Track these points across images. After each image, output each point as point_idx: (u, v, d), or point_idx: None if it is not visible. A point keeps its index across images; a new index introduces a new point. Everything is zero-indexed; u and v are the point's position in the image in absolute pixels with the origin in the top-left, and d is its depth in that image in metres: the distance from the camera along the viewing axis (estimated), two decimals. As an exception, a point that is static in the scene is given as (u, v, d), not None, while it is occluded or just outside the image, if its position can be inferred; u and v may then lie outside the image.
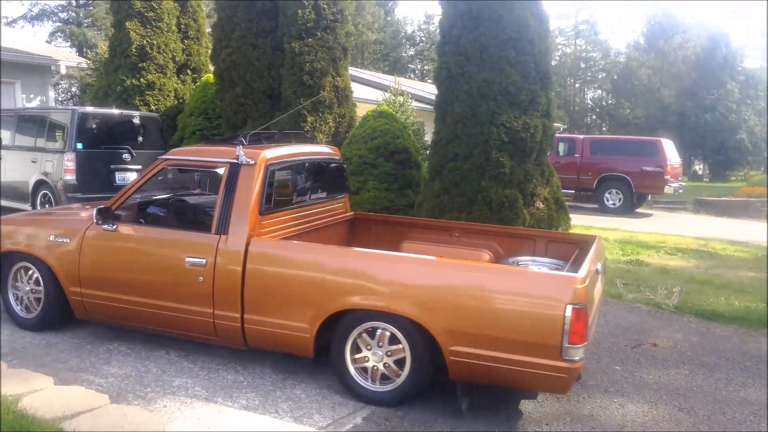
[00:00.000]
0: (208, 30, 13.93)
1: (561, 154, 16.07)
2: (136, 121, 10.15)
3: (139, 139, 10.11)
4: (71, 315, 5.01)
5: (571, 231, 9.21)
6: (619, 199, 15.58)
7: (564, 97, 44.03)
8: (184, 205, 5.52)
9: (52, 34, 30.41)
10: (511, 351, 3.63)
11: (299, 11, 10.10)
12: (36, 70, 13.84)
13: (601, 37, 47.48)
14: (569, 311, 3.47)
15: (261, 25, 10.57)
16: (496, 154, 8.06)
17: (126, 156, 9.81)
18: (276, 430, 3.63)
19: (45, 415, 3.25)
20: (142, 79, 12.13)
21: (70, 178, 9.06)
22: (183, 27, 13.24)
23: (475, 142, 8.17)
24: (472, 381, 3.93)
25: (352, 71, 13.72)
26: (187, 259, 4.45)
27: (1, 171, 10.10)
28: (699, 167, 36.17)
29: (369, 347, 4.04)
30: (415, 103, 14.18)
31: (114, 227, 4.76)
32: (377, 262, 4.13)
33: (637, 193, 15.61)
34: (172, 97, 12.65)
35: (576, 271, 3.76)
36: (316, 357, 4.24)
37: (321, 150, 5.82)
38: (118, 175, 9.71)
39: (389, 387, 4.03)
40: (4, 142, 10.07)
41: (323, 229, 5.43)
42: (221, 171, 4.63)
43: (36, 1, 30.12)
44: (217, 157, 4.72)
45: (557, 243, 5.08)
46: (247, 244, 4.31)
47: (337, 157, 5.87)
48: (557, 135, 13.41)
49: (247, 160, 4.52)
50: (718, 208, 17.36)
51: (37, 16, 30.51)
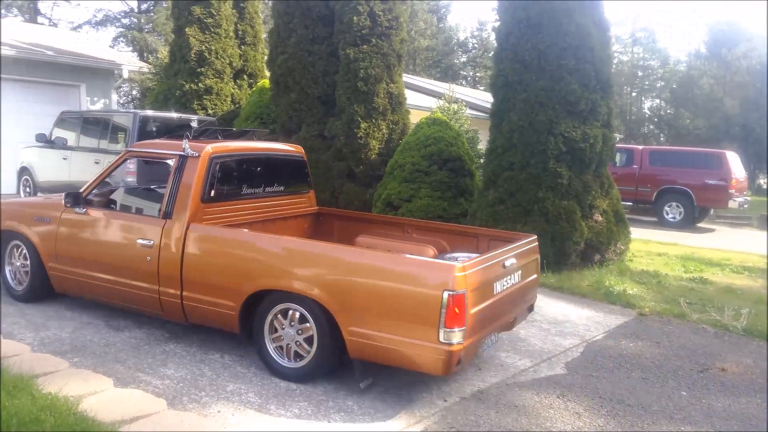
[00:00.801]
0: (265, 36, 14.13)
1: (618, 164, 15.62)
2: (194, 124, 10.31)
3: (197, 142, 10.28)
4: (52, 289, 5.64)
5: (630, 244, 8.92)
6: (680, 213, 15.04)
7: (620, 106, 43.01)
8: (146, 192, 5.88)
9: (115, 39, 31.46)
10: (396, 332, 3.95)
11: (355, 18, 10.12)
12: (100, 73, 14.29)
13: (659, 44, 46.23)
14: (446, 297, 3.76)
15: (317, 32, 10.63)
16: (553, 165, 7.88)
17: (183, 159, 10.00)
18: (329, 442, 3.59)
19: (104, 418, 3.28)
20: (200, 84, 12.38)
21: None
22: (240, 33, 13.47)
23: (531, 151, 8.01)
24: (367, 360, 4.20)
25: (406, 78, 13.68)
26: (138, 240, 4.98)
27: (68, 171, 10.44)
28: (764, 181, 34.68)
29: (283, 327, 4.42)
30: (468, 111, 14.03)
31: (84, 211, 5.34)
32: (289, 248, 4.49)
33: (699, 207, 15.03)
34: (229, 102, 12.87)
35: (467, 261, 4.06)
36: (242, 334, 4.61)
37: (278, 147, 6.20)
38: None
39: (301, 363, 4.38)
40: (70, 143, 10.41)
41: (280, 221, 5.88)
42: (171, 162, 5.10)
43: (97, 0, 31.09)
44: (168, 149, 5.21)
45: (497, 241, 5.35)
46: (187, 229, 4.78)
47: (298, 155, 6.21)
48: (615, 145, 13.03)
49: (192, 153, 5.00)
50: (784, 224, 16.58)
51: (101, 21, 31.63)
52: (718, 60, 36.82)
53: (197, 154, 4.99)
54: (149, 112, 10.28)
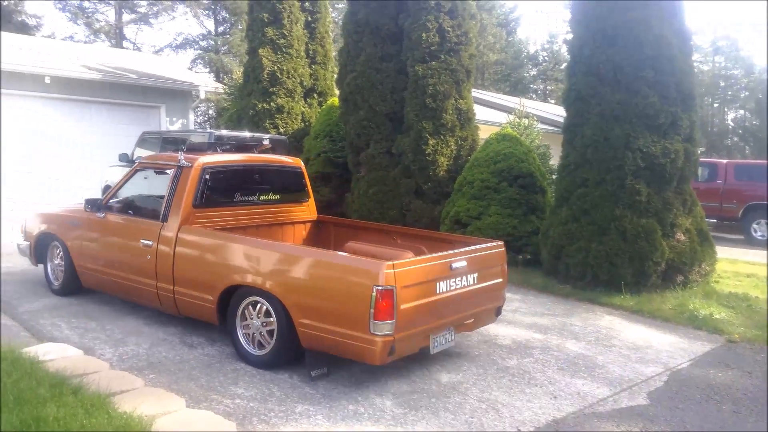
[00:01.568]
0: (335, 55, 14.34)
1: (700, 179, 14.86)
2: (266, 143, 10.51)
3: (268, 160, 10.49)
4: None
5: (716, 264, 8.42)
6: (769, 230, 14.16)
7: (702, 117, 41.12)
8: (154, 198, 6.21)
9: (193, 61, 32.80)
10: (337, 324, 4.39)
11: (423, 34, 10.10)
12: (179, 95, 14.89)
13: (743, 53, 44.03)
14: (375, 292, 4.16)
15: (385, 49, 10.68)
16: (631, 181, 7.55)
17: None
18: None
19: (177, 438, 3.32)
20: (272, 103, 12.66)
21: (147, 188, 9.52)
22: (311, 52, 13.71)
23: (607, 167, 7.71)
24: (316, 350, 4.65)
25: (474, 93, 13.52)
26: (141, 241, 5.68)
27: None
28: None
29: (251, 317, 4.95)
30: (539, 126, 13.73)
31: (103, 215, 6.14)
32: (256, 249, 5.02)
33: (790, 223, 14.10)
34: (299, 120, 13.09)
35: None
36: (220, 326, 5.23)
37: (275, 159, 6.73)
38: (248, 195, 10.12)
39: (263, 351, 4.89)
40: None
41: (277, 227, 6.47)
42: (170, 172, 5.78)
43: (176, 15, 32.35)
44: (169, 161, 5.88)
45: (470, 245, 5.57)
46: (178, 231, 5.43)
47: (295, 167, 6.75)
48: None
49: (186, 164, 5.67)
50: None
51: (181, 44, 33.12)
52: (809, 67, 34.68)
53: (190, 165, 5.66)
54: (224, 132, 10.59)
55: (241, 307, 5.00)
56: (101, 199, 6.28)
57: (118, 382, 3.98)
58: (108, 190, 11.61)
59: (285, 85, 12.77)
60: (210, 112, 23.57)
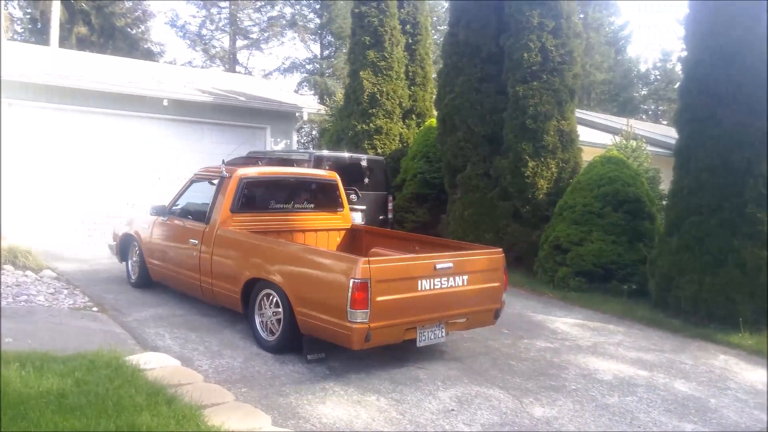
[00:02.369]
0: (434, 76, 14.37)
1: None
2: (364, 163, 10.69)
3: (366, 180, 10.61)
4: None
5: None
6: None
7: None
8: (204, 204, 6.89)
9: (299, 84, 34.10)
10: (324, 312, 4.99)
11: (525, 54, 9.89)
12: (283, 116, 15.43)
13: None
14: (351, 284, 4.74)
15: (485, 70, 10.56)
16: (752, 209, 6.97)
17: (353, 197, 10.34)
18: None
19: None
20: (371, 124, 12.84)
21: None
22: (411, 74, 13.82)
23: (724, 193, 7.17)
24: (312, 336, 5.24)
25: (578, 113, 13.07)
26: (189, 240, 6.53)
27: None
28: None
29: (265, 307, 5.62)
30: (648, 148, 13.03)
31: (166, 219, 7.06)
32: (267, 247, 5.79)
33: None
34: (397, 141, 13.18)
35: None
36: (243, 313, 5.91)
37: (310, 172, 7.72)
38: (345, 215, 10.26)
39: (273, 338, 5.54)
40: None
41: (311, 232, 7.12)
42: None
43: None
44: (216, 172, 6.75)
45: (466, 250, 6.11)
46: (216, 231, 6.24)
47: (330, 179, 7.44)
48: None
49: (226, 174, 6.54)
50: None
51: (288, 68, 34.56)
52: None
53: (230, 176, 6.51)
54: (324, 152, 10.82)
55: (258, 298, 5.69)
56: (165, 205, 7.18)
57: (209, 394, 4.08)
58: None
59: (384, 106, 12.92)
60: (313, 132, 24.31)
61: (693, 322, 7.24)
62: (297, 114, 15.64)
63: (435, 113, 12.30)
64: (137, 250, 7.59)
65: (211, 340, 5.80)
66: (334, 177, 7.48)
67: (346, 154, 10.89)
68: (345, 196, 7.52)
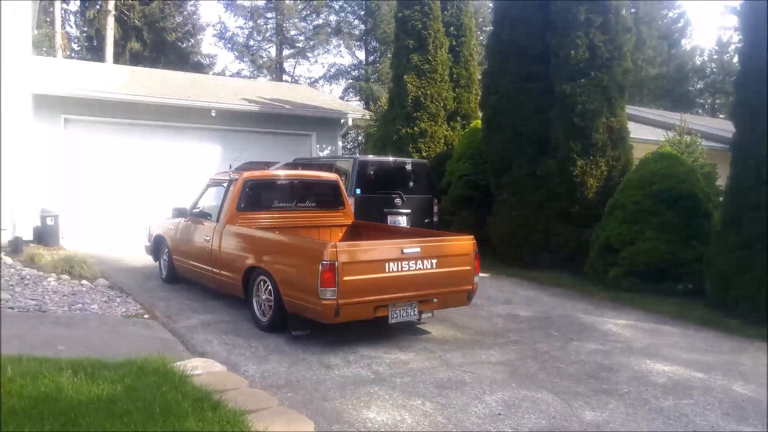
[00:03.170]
0: (479, 77, 14.23)
1: None
2: (408, 167, 10.67)
3: (410, 184, 10.57)
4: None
5: None
6: None
7: None
8: (217, 205, 7.63)
9: (345, 90, 34.45)
10: (303, 292, 5.69)
11: (572, 52, 9.69)
12: (328, 123, 15.58)
13: None
14: (320, 266, 5.43)
15: (531, 69, 10.39)
16: (815, 203, 6.60)
17: (398, 200, 10.33)
18: None
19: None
20: (415, 128, 12.81)
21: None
22: (455, 76, 13.74)
23: (786, 188, 6.82)
24: (296, 314, 5.94)
25: (629, 110, 12.72)
26: (204, 237, 7.35)
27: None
28: None
29: (260, 292, 6.38)
30: (704, 143, 12.56)
31: (187, 220, 7.86)
32: (259, 239, 6.57)
33: None
34: (442, 144, 13.11)
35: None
36: (244, 299, 6.64)
37: (312, 174, 8.33)
38: (390, 218, 10.25)
39: (266, 318, 6.29)
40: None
41: (313, 228, 7.78)
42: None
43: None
44: (225, 176, 7.59)
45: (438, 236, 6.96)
46: (223, 228, 7.04)
47: (331, 180, 8.17)
48: None
49: (234, 177, 7.34)
50: None
51: (334, 75, 34.93)
52: None
53: (236, 178, 7.29)
54: (369, 157, 10.86)
55: (255, 283, 6.42)
56: (186, 207, 7.95)
57: (254, 400, 4.11)
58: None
59: (428, 109, 12.87)
60: (359, 138, 24.46)
61: (752, 322, 6.92)
62: (342, 120, 15.76)
63: (480, 115, 12.17)
64: (166, 250, 8.40)
65: (258, 345, 5.86)
66: (336, 178, 8.26)
67: (391, 159, 10.89)
68: (346, 195, 8.25)
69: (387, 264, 5.76)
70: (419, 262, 5.92)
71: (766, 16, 7.18)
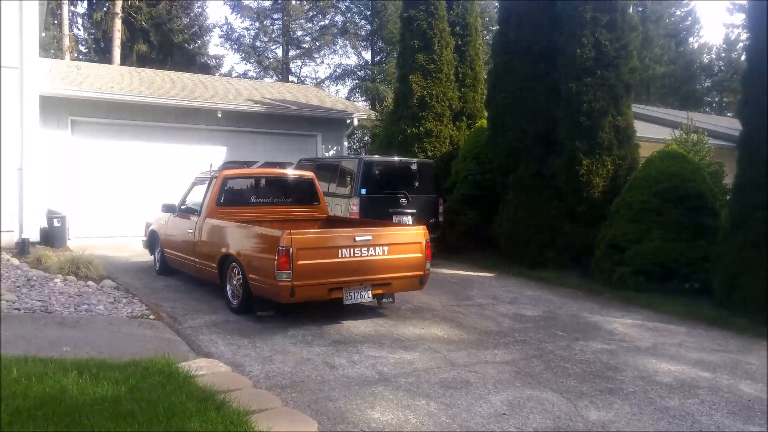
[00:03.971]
0: (485, 76, 14.21)
1: None
2: (413, 167, 10.66)
3: (416, 184, 10.57)
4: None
5: None
6: None
7: None
8: (201, 201, 8.18)
9: (351, 91, 34.47)
10: (263, 275, 6.29)
11: (578, 50, 9.66)
12: (334, 123, 15.60)
13: None
14: (277, 251, 6.06)
15: (536, 68, 10.36)
16: (823, 202, 6.55)
17: (403, 200, 10.32)
18: None
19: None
20: (420, 128, 12.80)
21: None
22: (461, 75, 13.71)
23: (793, 186, 6.77)
24: (259, 296, 6.54)
25: (636, 108, 12.66)
26: (187, 230, 8.02)
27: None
28: None
29: (232, 278, 6.96)
30: (711, 141, 12.49)
31: (175, 215, 8.48)
32: (230, 229, 7.16)
33: None
34: (447, 144, 13.09)
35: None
36: (219, 284, 7.25)
37: (288, 172, 8.74)
38: (395, 219, 10.24)
39: (237, 301, 6.89)
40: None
41: (290, 222, 8.17)
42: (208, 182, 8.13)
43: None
44: (208, 174, 8.21)
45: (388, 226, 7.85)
46: (203, 221, 7.69)
47: (307, 177, 8.73)
48: None
49: (215, 175, 8.00)
50: None
51: (340, 75, 34.95)
52: None
53: (216, 176, 7.92)
54: (375, 157, 10.86)
55: (228, 270, 7.02)
56: (174, 204, 8.55)
57: (258, 400, 4.11)
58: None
59: (434, 109, 12.86)
60: (365, 138, 24.46)
61: (760, 321, 6.86)
62: (347, 121, 15.77)
63: (485, 114, 12.15)
64: (159, 243, 9.05)
65: (263, 345, 5.87)
66: (311, 175, 8.81)
67: (396, 159, 10.89)
68: (321, 192, 8.84)
69: (340, 250, 6.37)
70: (371, 249, 6.51)
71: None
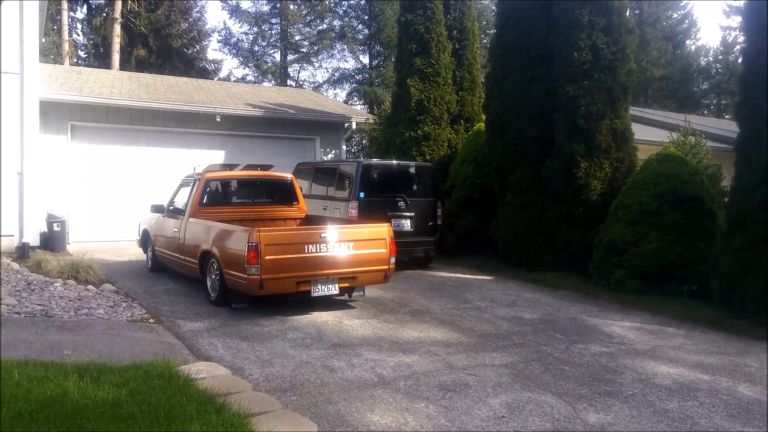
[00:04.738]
0: (482, 80, 14.25)
1: None
2: (412, 170, 10.68)
3: (414, 187, 10.58)
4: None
5: None
6: None
7: None
8: (186, 202, 8.61)
9: (349, 94, 34.45)
10: (237, 270, 6.71)
11: (575, 53, 9.69)
12: (332, 127, 15.63)
13: None
14: (246, 247, 6.49)
15: (534, 71, 10.40)
16: (820, 203, 6.58)
17: (401, 203, 10.34)
18: None
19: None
20: (418, 131, 12.82)
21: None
22: (458, 79, 13.75)
23: (789, 188, 6.79)
24: (234, 289, 6.97)
25: (634, 111, 12.71)
26: (173, 229, 8.48)
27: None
28: None
29: (211, 273, 7.42)
30: (709, 143, 12.52)
31: (164, 215, 8.93)
32: (209, 228, 7.57)
33: None
34: (445, 147, 13.12)
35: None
36: (201, 278, 7.74)
37: (268, 174, 9.24)
38: (394, 222, 10.24)
39: (216, 294, 7.36)
40: (303, 192, 11.40)
41: (270, 221, 8.72)
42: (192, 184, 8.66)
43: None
44: (194, 177, 8.65)
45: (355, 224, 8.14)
46: (187, 221, 8.15)
47: (285, 179, 9.21)
48: None
49: (198, 177, 8.46)
50: None
51: (338, 79, 34.95)
52: None
53: (199, 178, 8.39)
54: (373, 161, 10.88)
55: (208, 266, 7.47)
56: (163, 204, 9.02)
57: (257, 403, 4.13)
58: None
59: (432, 112, 12.90)
60: (364, 142, 24.49)
61: (759, 323, 6.88)
62: (345, 124, 15.80)
63: (483, 117, 12.18)
64: (150, 242, 9.51)
65: (262, 349, 5.88)
66: (289, 177, 9.32)
67: (394, 162, 10.91)
68: (300, 192, 9.33)
69: (306, 246, 6.81)
70: (337, 245, 6.96)
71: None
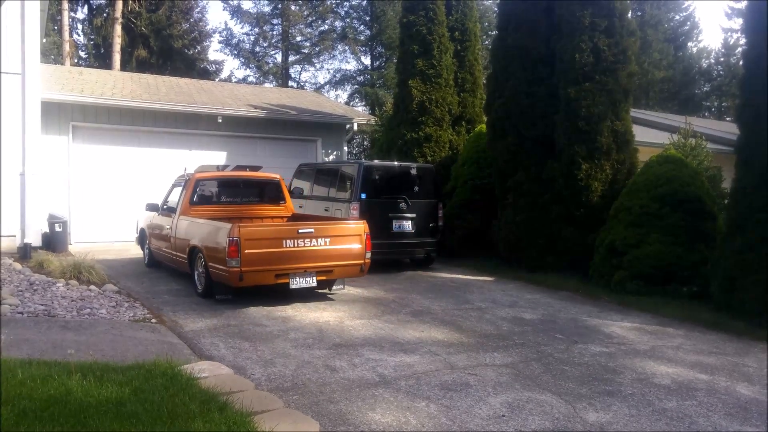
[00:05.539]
0: (484, 82, 14.28)
1: None
2: (413, 172, 10.71)
3: (415, 188, 10.62)
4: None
5: None
6: None
7: None
8: (177, 201, 9.06)
9: (351, 96, 34.51)
10: (220, 263, 7.15)
11: (576, 55, 9.72)
12: (334, 128, 15.67)
13: None
14: (227, 241, 6.95)
15: (535, 73, 10.43)
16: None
17: (402, 205, 10.37)
18: None
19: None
20: (420, 132, 12.85)
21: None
22: (460, 80, 13.78)
23: (789, 190, 6.82)
24: (218, 281, 7.42)
25: (635, 113, 12.73)
26: (166, 227, 8.96)
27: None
28: None
29: (198, 267, 7.85)
30: (709, 145, 12.55)
31: (158, 213, 9.39)
32: (196, 224, 8.08)
33: None
34: (447, 148, 13.14)
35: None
36: (190, 273, 8.16)
37: (257, 174, 9.65)
38: (395, 223, 10.29)
39: (202, 287, 7.79)
40: (305, 193, 11.44)
41: (257, 219, 9.14)
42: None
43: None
44: (185, 178, 9.08)
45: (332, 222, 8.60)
46: (178, 219, 8.59)
47: (273, 179, 9.61)
48: None
49: (188, 177, 8.93)
50: None
51: (339, 81, 35.03)
52: None
53: (189, 178, 8.86)
54: (374, 162, 10.91)
55: (196, 260, 7.88)
56: (157, 203, 9.51)
57: (260, 401, 4.16)
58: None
59: (433, 114, 12.92)
60: (365, 143, 24.53)
61: (758, 324, 6.91)
62: (347, 126, 15.84)
63: (485, 119, 12.21)
64: (147, 239, 9.97)
65: (264, 349, 5.91)
66: (277, 177, 9.70)
67: (396, 163, 10.94)
68: (287, 192, 9.73)
69: (284, 241, 7.22)
70: (314, 240, 7.37)
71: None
